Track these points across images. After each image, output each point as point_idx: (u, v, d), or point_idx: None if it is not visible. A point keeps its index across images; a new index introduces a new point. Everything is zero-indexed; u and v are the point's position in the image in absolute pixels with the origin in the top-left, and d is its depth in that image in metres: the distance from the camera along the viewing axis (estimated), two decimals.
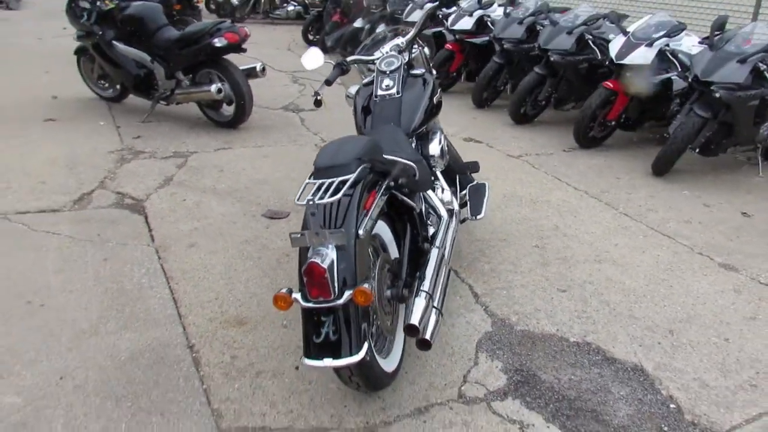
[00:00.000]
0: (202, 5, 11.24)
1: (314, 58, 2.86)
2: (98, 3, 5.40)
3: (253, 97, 5.22)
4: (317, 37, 10.07)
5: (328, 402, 2.15)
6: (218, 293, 2.81)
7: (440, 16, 7.24)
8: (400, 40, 3.05)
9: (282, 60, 8.73)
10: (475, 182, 3.30)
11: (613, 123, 5.12)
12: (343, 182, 1.86)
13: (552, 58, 5.38)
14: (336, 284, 1.77)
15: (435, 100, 2.90)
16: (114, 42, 5.34)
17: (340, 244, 1.80)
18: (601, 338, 2.58)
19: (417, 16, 7.25)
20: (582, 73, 5.52)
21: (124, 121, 5.48)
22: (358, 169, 1.94)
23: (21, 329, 2.49)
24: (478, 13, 6.60)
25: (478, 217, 3.05)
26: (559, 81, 5.64)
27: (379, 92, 2.83)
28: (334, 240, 1.78)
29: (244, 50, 5.08)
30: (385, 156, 2.22)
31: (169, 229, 3.44)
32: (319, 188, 1.85)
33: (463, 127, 5.74)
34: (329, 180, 1.89)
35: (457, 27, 6.66)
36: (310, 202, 1.77)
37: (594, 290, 2.94)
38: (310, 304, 1.78)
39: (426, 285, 2.13)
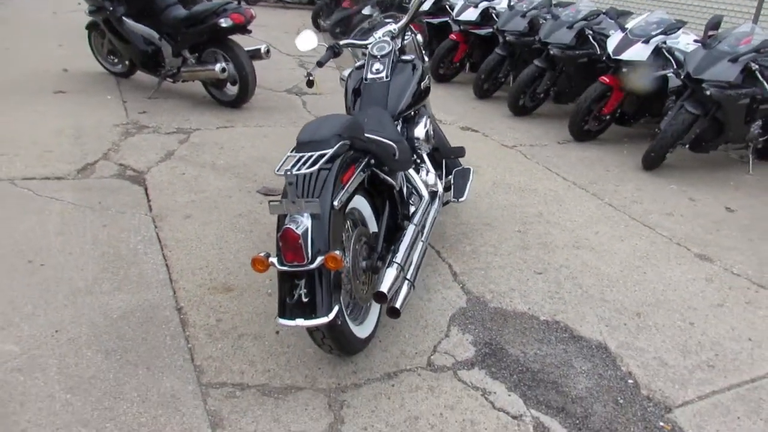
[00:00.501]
0: None
1: (308, 40, 2.97)
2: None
3: (256, 78, 5.34)
4: (327, 22, 10.15)
5: (303, 364, 2.29)
6: (209, 261, 2.96)
7: (447, 7, 7.32)
8: (392, 27, 3.15)
9: (290, 44, 8.79)
10: (461, 167, 3.42)
11: (608, 117, 5.21)
12: (321, 156, 1.99)
13: (552, 52, 5.46)
14: (309, 250, 1.90)
15: (422, 85, 3.01)
16: (124, 18, 5.46)
17: (315, 213, 1.93)
18: (570, 318, 2.70)
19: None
20: (581, 68, 5.60)
21: (130, 96, 5.62)
22: (337, 145, 2.06)
23: (21, 285, 2.64)
24: (484, 4, 6.66)
25: (461, 199, 3.17)
26: (559, 75, 5.72)
27: (369, 76, 2.94)
28: (309, 208, 1.91)
29: (249, 31, 5.19)
30: (367, 135, 2.34)
31: (166, 200, 3.58)
32: (298, 161, 1.98)
33: (461, 116, 5.84)
34: (309, 153, 2.01)
35: (462, 18, 6.73)
36: (288, 173, 1.90)
37: (569, 274, 3.06)
38: (285, 268, 1.92)
39: (398, 257, 2.26)
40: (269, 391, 2.15)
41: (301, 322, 1.92)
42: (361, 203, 2.36)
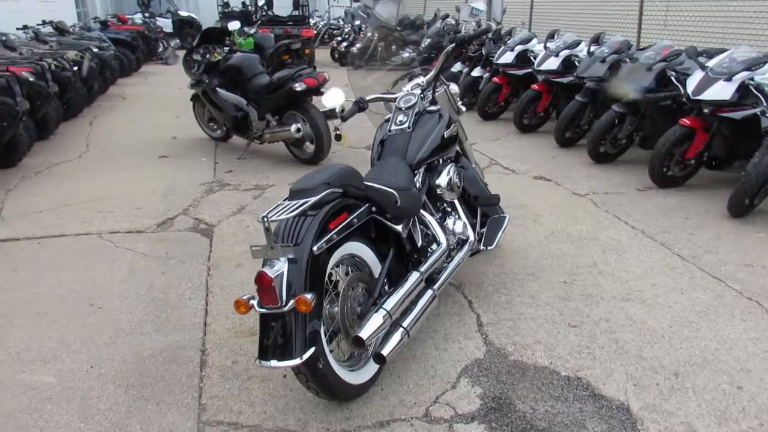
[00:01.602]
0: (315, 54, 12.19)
1: (334, 97, 3.13)
2: (207, 56, 6.19)
3: (331, 136, 5.63)
4: None
5: (300, 407, 2.33)
6: None
7: (531, 57, 7.30)
8: (421, 79, 3.24)
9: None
10: (498, 215, 3.36)
11: (693, 162, 4.84)
12: (302, 204, 2.09)
13: (629, 96, 5.24)
14: (284, 293, 1.97)
15: (446, 135, 3.04)
16: (217, 88, 6.05)
17: (293, 257, 2.01)
18: (595, 374, 2.51)
19: (507, 57, 7.38)
20: (665, 111, 5.30)
21: (222, 158, 6.14)
22: (322, 193, 2.15)
23: (77, 325, 2.95)
24: (565, 53, 6.59)
25: (489, 247, 3.10)
26: (641, 119, 5.45)
27: (393, 127, 3.04)
28: (285, 253, 2.00)
29: (322, 93, 5.52)
30: (366, 183, 2.41)
31: (225, 251, 3.84)
32: (278, 207, 2.08)
33: (537, 165, 5.71)
34: (294, 201, 2.12)
35: (543, 67, 6.69)
36: (264, 219, 2.01)
37: (608, 328, 2.85)
38: (263, 310, 2.00)
39: (389, 303, 2.26)
40: None
41: (275, 363, 1.98)
42: (361, 249, 2.41)
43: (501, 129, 7.36)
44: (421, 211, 2.86)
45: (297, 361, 1.96)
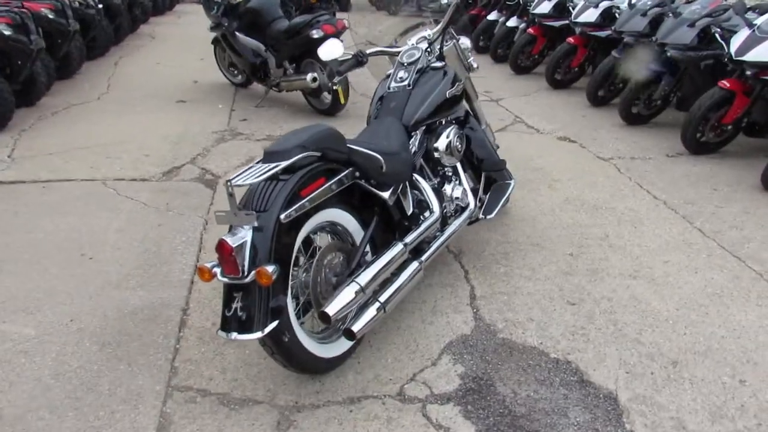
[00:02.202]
0: None
1: (332, 49, 2.93)
2: None
3: (349, 87, 5.42)
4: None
5: (271, 377, 2.26)
6: None
7: (569, 8, 6.85)
8: (427, 32, 3.01)
9: None
10: (503, 181, 3.16)
11: (730, 128, 4.49)
12: (274, 167, 1.95)
13: (669, 53, 4.85)
14: (246, 263, 1.86)
15: (449, 94, 2.83)
16: (237, 33, 5.87)
17: (258, 225, 1.89)
18: (586, 358, 2.36)
19: (544, 7, 6.95)
20: (706, 71, 4.91)
21: (240, 106, 6.02)
22: (296, 157, 2.00)
23: (66, 275, 2.93)
24: (605, 4, 6.14)
25: (488, 216, 2.93)
26: (679, 79, 5.07)
27: (392, 84, 2.84)
28: (246, 221, 1.88)
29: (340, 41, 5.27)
30: (349, 146, 2.25)
31: (226, 204, 3.75)
32: (250, 171, 1.95)
33: (565, 125, 5.42)
34: (265, 164, 1.99)
35: (580, 19, 6.26)
36: (228, 183, 1.89)
37: (608, 307, 2.68)
38: (225, 279, 1.90)
39: (363, 277, 2.13)
40: (227, 401, 2.15)
41: (234, 335, 1.89)
42: (342, 216, 2.28)
43: (532, 84, 7.00)
44: (415, 175, 2.69)
45: (257, 335, 1.87)
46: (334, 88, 2.98)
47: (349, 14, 13.23)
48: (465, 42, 3.24)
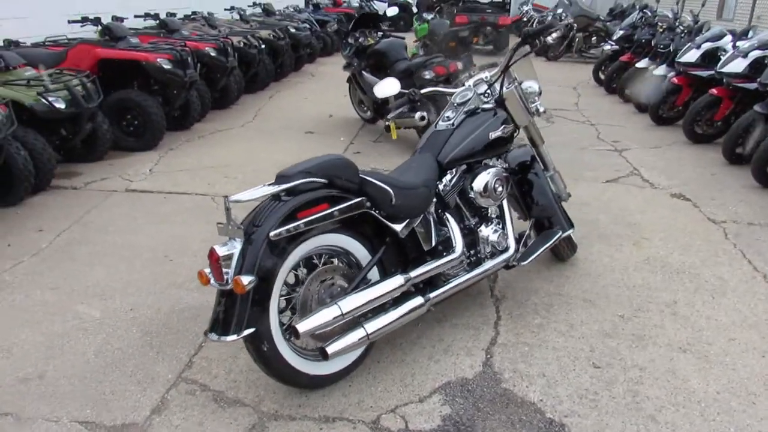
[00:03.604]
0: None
1: (388, 87, 3.06)
2: (360, 39, 6.44)
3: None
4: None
5: (264, 385, 2.40)
6: None
7: (720, 56, 6.30)
8: (485, 74, 3.04)
9: (558, 97, 8.68)
10: (556, 231, 3.04)
11: None
12: (273, 189, 2.15)
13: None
14: (231, 272, 2.05)
15: (493, 135, 2.82)
16: (363, 72, 6.28)
17: (250, 239, 2.08)
18: (583, 425, 2.19)
19: (691, 56, 6.47)
20: None
21: (360, 140, 6.38)
22: (296, 181, 2.18)
23: (145, 273, 3.37)
24: (755, 54, 5.56)
25: (522, 263, 2.85)
26: None
27: (440, 123, 2.91)
28: (235, 234, 2.08)
29: (450, 82, 5.42)
30: (362, 176, 2.37)
31: None
32: (252, 190, 2.16)
33: (685, 181, 4.98)
34: (267, 186, 2.19)
35: (726, 70, 5.74)
36: (226, 198, 2.11)
37: (637, 377, 2.45)
38: (215, 285, 2.11)
39: (347, 302, 2.21)
40: (219, 399, 2.35)
41: (213, 336, 2.08)
42: (348, 242, 2.38)
43: (669, 136, 6.51)
44: (447, 213, 2.71)
45: (231, 338, 2.04)
46: (387, 123, 3.10)
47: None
48: (532, 86, 3.19)
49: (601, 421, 2.20)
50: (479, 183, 2.77)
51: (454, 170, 2.79)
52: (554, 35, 2.98)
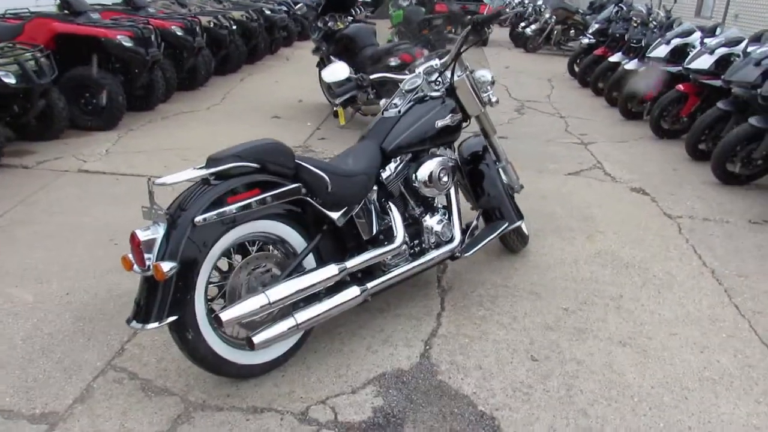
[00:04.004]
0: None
1: (337, 72, 2.99)
2: (330, 23, 6.33)
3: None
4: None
5: (196, 374, 2.34)
6: None
7: (689, 52, 6.31)
8: (435, 62, 2.98)
9: (532, 89, 8.67)
10: (502, 223, 3.01)
11: None
12: (201, 173, 2.08)
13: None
14: (152, 257, 1.99)
15: (440, 124, 2.78)
16: (331, 56, 6.18)
17: (174, 224, 2.02)
18: (513, 419, 2.17)
19: (660, 51, 6.49)
20: None
21: (327, 125, 6.29)
22: (225, 165, 2.11)
23: (86, 256, 3.27)
24: (722, 51, 5.58)
25: (465, 254, 2.82)
26: None
27: (387, 110, 2.85)
28: (158, 218, 2.01)
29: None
30: (298, 162, 2.31)
31: None
32: (179, 174, 2.09)
33: (647, 176, 4.98)
34: (195, 170, 2.12)
35: (692, 66, 5.74)
36: (149, 180, 2.03)
37: (573, 371, 2.43)
38: (138, 271, 2.04)
39: (275, 291, 2.15)
40: (146, 387, 2.28)
41: (134, 324, 2.02)
42: (282, 229, 2.32)
43: (637, 131, 6.52)
44: (390, 202, 2.67)
45: (152, 326, 1.98)
46: (335, 109, 3.03)
47: (484, 49, 13.24)
48: (485, 75, 3.15)
49: (532, 415, 2.18)
50: (423, 172, 2.72)
51: (398, 158, 2.73)
52: (503, 21, 2.93)
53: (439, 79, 2.96)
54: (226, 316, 2.05)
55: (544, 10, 12.93)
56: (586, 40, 9.83)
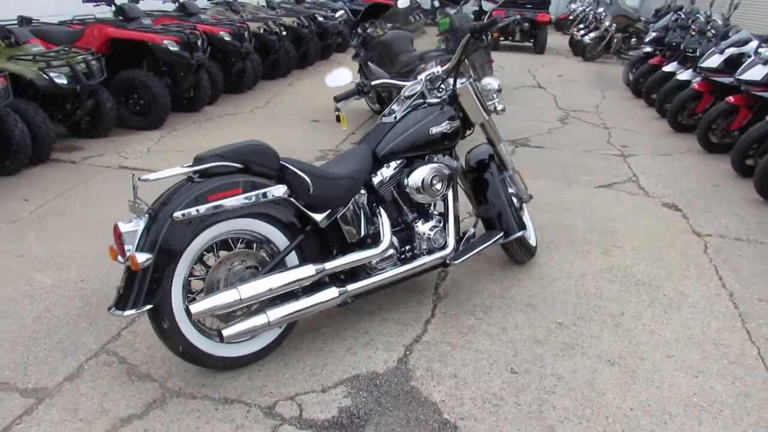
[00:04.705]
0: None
1: (340, 77, 3.04)
2: (369, 30, 6.42)
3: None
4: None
5: (178, 363, 2.43)
6: None
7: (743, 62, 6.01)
8: (437, 69, 2.99)
9: (581, 98, 8.47)
10: (497, 233, 2.99)
11: None
12: (182, 171, 2.19)
13: None
14: (131, 248, 2.10)
15: (434, 130, 2.78)
16: (369, 62, 6.27)
17: (155, 218, 2.13)
18: (477, 430, 2.15)
19: (713, 61, 6.21)
20: None
21: (363, 130, 6.37)
22: (205, 165, 2.21)
23: (106, 247, 3.46)
24: None
25: (455, 262, 2.80)
26: None
27: (385, 115, 2.89)
28: (138, 212, 2.13)
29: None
30: (282, 163, 2.38)
31: None
32: (163, 171, 2.20)
33: (683, 191, 4.78)
34: (179, 167, 2.23)
35: (744, 77, 5.46)
36: (133, 176, 2.16)
37: (551, 386, 2.38)
38: (120, 261, 2.16)
39: (248, 288, 2.22)
40: (131, 372, 2.41)
41: (112, 311, 2.13)
42: (264, 228, 2.38)
43: (684, 144, 6.26)
44: (380, 206, 2.70)
45: (128, 313, 2.10)
46: (336, 113, 3.08)
47: (542, 56, 13.04)
48: (491, 83, 3.13)
49: (496, 427, 2.16)
50: (415, 178, 2.73)
51: (391, 164, 2.76)
52: (503, 27, 2.89)
53: (442, 86, 2.97)
54: (195, 308, 2.14)
55: (605, 17, 12.56)
56: (648, 49, 9.51)
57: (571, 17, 17.38)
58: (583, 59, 12.95)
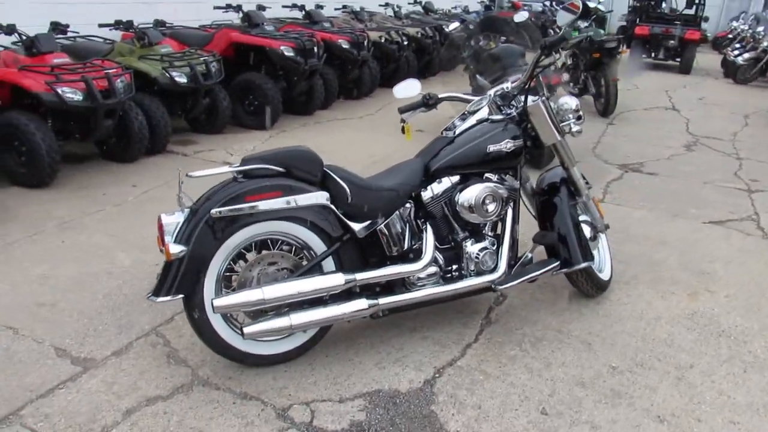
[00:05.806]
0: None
1: (408, 88, 3.01)
2: (482, 43, 6.32)
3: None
4: None
5: (213, 354, 2.53)
6: None
7: None
8: (507, 85, 2.87)
9: (718, 124, 7.73)
10: (550, 259, 2.80)
11: None
12: (225, 171, 2.31)
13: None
14: (168, 239, 2.24)
15: (491, 149, 2.66)
16: (477, 75, 6.17)
17: (196, 213, 2.25)
18: None
19: None
20: None
21: None
22: (248, 166, 2.31)
23: None
24: None
25: (500, 287, 2.68)
26: None
27: (446, 129, 2.82)
28: (182, 206, 2.26)
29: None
30: (326, 170, 2.42)
31: None
32: (210, 170, 2.33)
33: (742, 210, 4.19)
34: (226, 167, 2.35)
35: None
36: (179, 172, 2.29)
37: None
38: (160, 249, 2.31)
39: (272, 289, 2.26)
40: (170, 356, 2.56)
41: (151, 297, 2.28)
42: (302, 232, 2.42)
43: None
44: (427, 222, 2.64)
45: (161, 299, 2.23)
46: (402, 124, 3.06)
47: (687, 77, 12.05)
48: (568, 102, 2.94)
49: None
50: (465, 196, 2.64)
51: (445, 179, 2.68)
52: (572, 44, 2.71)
53: (513, 103, 2.85)
54: (218, 302, 2.22)
55: (763, 36, 11.32)
56: None
57: (730, 35, 15.89)
58: (734, 81, 11.76)
